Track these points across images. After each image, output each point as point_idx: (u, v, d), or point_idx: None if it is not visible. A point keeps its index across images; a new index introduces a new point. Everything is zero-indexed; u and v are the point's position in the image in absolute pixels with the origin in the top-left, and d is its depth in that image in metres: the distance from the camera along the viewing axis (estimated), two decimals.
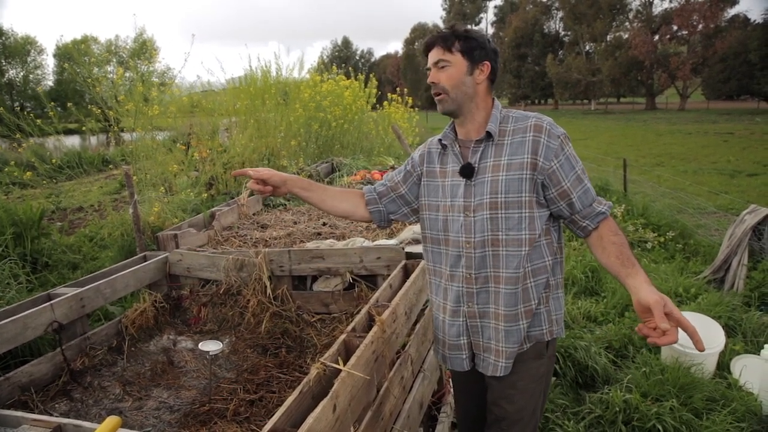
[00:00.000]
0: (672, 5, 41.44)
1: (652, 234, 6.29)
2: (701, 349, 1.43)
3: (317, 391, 1.38)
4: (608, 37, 46.37)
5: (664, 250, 6.06)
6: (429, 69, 1.75)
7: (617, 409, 2.90)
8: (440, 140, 1.82)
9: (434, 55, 1.71)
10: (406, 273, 2.47)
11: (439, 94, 1.72)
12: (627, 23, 46.27)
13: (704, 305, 4.10)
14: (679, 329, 1.43)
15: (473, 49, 1.68)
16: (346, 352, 1.60)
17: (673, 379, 3.08)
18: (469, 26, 1.75)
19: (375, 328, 1.71)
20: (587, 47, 51.13)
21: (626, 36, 44.23)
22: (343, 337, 1.66)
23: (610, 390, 3.07)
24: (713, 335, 3.38)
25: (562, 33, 57.25)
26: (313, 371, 1.41)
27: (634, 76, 43.83)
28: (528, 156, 1.63)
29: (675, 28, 41.11)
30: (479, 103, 1.73)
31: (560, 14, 54.82)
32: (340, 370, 1.43)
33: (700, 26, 38.62)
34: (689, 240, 6.27)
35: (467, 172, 1.70)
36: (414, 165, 1.89)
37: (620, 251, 1.61)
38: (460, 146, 1.77)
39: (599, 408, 2.97)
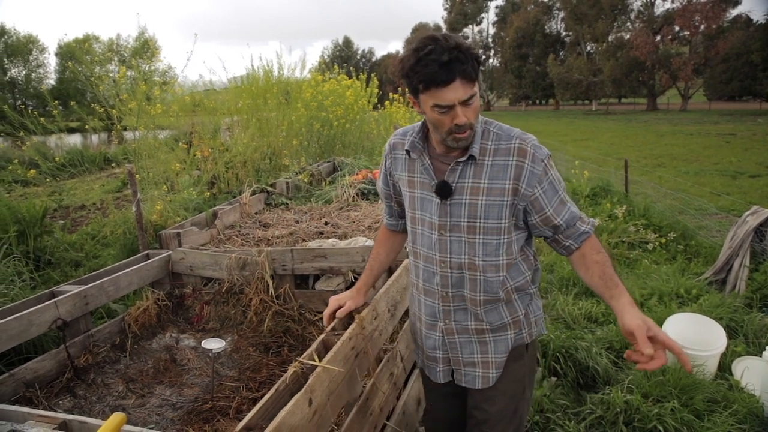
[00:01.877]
0: (674, 6, 41.48)
1: (653, 235, 6.29)
2: (689, 370, 1.43)
3: (295, 389, 1.40)
4: (610, 38, 46.36)
5: (666, 251, 6.06)
6: (447, 107, 1.45)
7: (618, 409, 2.90)
8: (407, 150, 1.66)
9: (461, 92, 1.42)
10: (389, 272, 2.47)
11: (465, 132, 1.50)
12: (628, 23, 46.28)
13: (705, 306, 4.10)
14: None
15: (477, 69, 1.47)
16: (325, 349, 1.61)
17: (674, 380, 3.08)
18: (458, 38, 1.46)
19: (353, 325, 1.73)
20: (588, 47, 51.14)
21: (628, 36, 44.22)
22: (322, 336, 1.67)
23: (611, 391, 3.07)
24: (714, 337, 3.38)
25: (564, 33, 57.27)
26: (290, 369, 1.43)
27: (636, 76, 43.81)
28: (510, 182, 1.54)
29: (677, 28, 41.11)
30: None
31: (562, 14, 54.82)
32: (316, 366, 1.45)
33: (702, 27, 38.59)
34: (690, 241, 6.27)
35: (444, 191, 1.58)
36: (387, 169, 1.80)
37: (603, 271, 1.56)
38: (431, 158, 1.63)
39: (600, 409, 2.97)
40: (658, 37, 42.17)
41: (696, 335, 3.37)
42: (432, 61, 1.39)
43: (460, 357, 1.73)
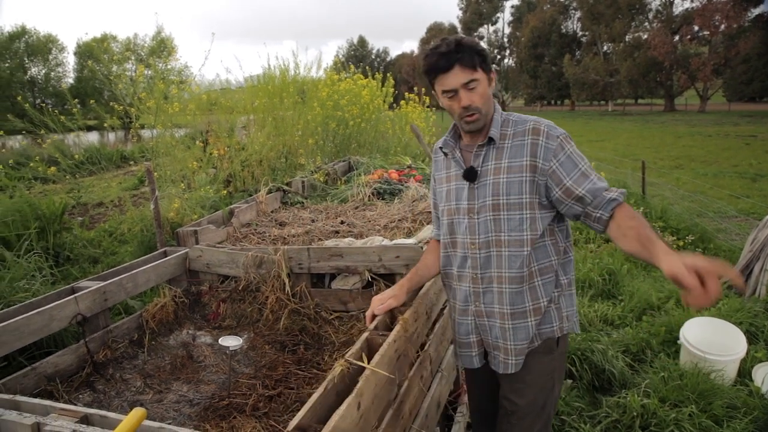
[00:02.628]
0: (693, 5, 40.87)
1: (671, 237, 6.23)
2: (740, 286, 1.30)
3: (341, 388, 1.40)
4: (627, 38, 45.90)
5: None
6: (452, 91, 1.68)
7: (635, 413, 2.88)
8: (441, 148, 1.88)
9: (461, 77, 1.65)
10: None
11: (473, 115, 1.69)
12: (646, 23, 45.76)
13: (725, 311, 4.05)
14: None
15: (486, 60, 1.69)
16: (369, 349, 1.62)
17: (692, 384, 3.06)
18: (464, 36, 1.71)
19: (398, 327, 1.72)
20: (605, 47, 50.69)
21: (645, 36, 43.72)
22: (366, 335, 1.67)
23: (627, 394, 3.05)
24: (734, 342, 3.34)
25: (580, 33, 56.78)
26: (338, 368, 1.42)
27: (653, 77, 43.33)
28: (527, 159, 1.67)
29: (696, 28, 40.52)
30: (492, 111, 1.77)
31: (578, 14, 54.40)
32: (364, 368, 1.45)
33: (723, 26, 38.00)
34: (709, 244, 6.19)
35: (470, 175, 1.75)
36: (431, 175, 2.00)
37: (638, 233, 1.52)
38: (461, 151, 1.83)
39: (616, 412, 2.95)
40: (677, 37, 41.65)
41: (715, 340, 3.33)
42: (434, 53, 1.67)
43: (490, 339, 1.81)
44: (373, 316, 1.84)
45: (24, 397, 1.70)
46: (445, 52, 1.64)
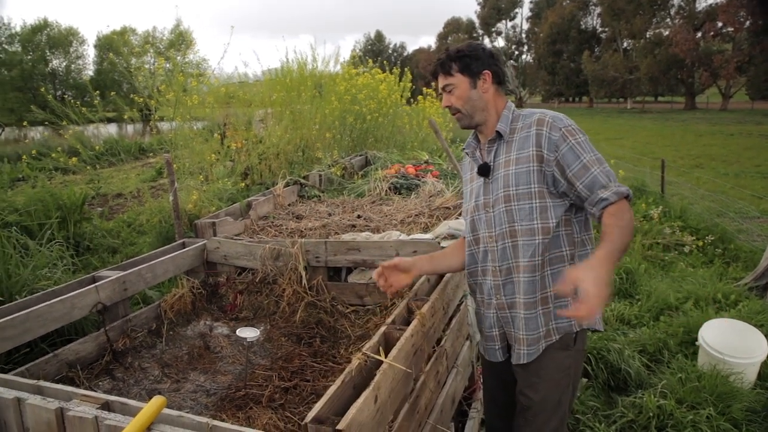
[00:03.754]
0: (717, 1, 40.03)
1: (690, 237, 6.15)
2: (580, 315, 1.35)
3: (358, 381, 1.41)
4: (648, 34, 45.17)
5: (703, 254, 5.92)
6: (441, 94, 1.92)
7: (650, 414, 2.86)
8: (464, 150, 2.00)
9: (440, 82, 1.88)
10: None
11: (455, 113, 1.88)
12: (668, 19, 44.98)
13: (745, 313, 4.00)
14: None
15: (469, 64, 1.81)
16: (386, 343, 1.62)
17: (710, 386, 3.02)
18: (461, 43, 1.89)
19: (415, 321, 1.72)
20: (625, 44, 49.97)
21: (667, 33, 42.98)
22: (383, 329, 1.67)
23: (643, 394, 3.03)
24: (755, 344, 3.29)
25: (600, 29, 56.01)
26: (355, 361, 1.43)
27: (674, 74, 42.62)
28: (533, 149, 1.73)
29: (720, 24, 39.72)
30: (490, 109, 1.84)
31: (598, 10, 53.60)
32: (381, 362, 1.45)
33: (748, 23, 37.22)
34: (729, 245, 6.10)
35: (484, 170, 1.85)
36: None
37: (606, 231, 1.56)
38: (481, 150, 1.93)
39: (632, 412, 2.93)
40: (699, 34, 40.88)
41: (734, 342, 3.28)
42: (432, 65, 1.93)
43: (513, 332, 1.84)
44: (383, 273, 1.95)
45: (47, 383, 1.73)
46: (436, 63, 1.89)
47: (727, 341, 3.28)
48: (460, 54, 1.82)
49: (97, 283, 2.67)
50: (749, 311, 4.01)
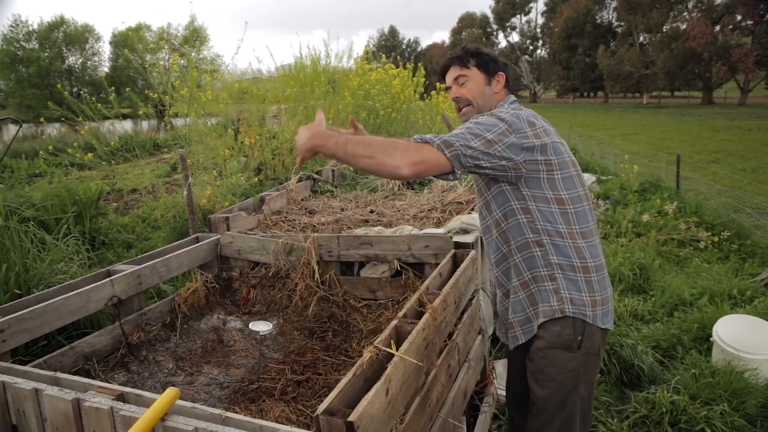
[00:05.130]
0: None
1: (705, 233, 6.07)
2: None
3: (369, 374, 1.42)
4: (664, 28, 44.53)
5: (718, 250, 5.85)
6: (448, 88, 1.94)
7: (664, 409, 2.84)
8: None
9: (452, 74, 1.90)
10: (456, 262, 2.47)
11: (465, 106, 1.88)
12: (685, 13, 44.31)
13: (761, 309, 3.95)
14: None
15: (487, 63, 1.87)
16: (398, 337, 1.63)
17: (724, 382, 2.99)
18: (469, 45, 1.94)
19: (426, 315, 1.73)
20: (641, 38, 49.35)
21: (684, 27, 42.33)
22: (394, 322, 1.68)
23: (656, 390, 3.01)
24: None
25: (615, 23, 55.35)
26: (366, 354, 1.44)
27: (691, 68, 41.97)
28: None
29: (739, 17, 39.02)
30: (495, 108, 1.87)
31: (614, 4, 52.95)
32: (393, 355, 1.46)
33: None
34: (746, 240, 6.02)
35: None
36: None
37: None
38: None
39: (644, 408, 2.91)
40: (718, 27, 40.19)
41: (750, 338, 3.25)
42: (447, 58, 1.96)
43: (502, 321, 2.00)
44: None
45: (64, 374, 1.76)
46: (452, 56, 1.91)
47: (742, 337, 3.24)
48: (480, 51, 1.88)
49: (112, 277, 2.71)
50: (765, 307, 3.96)
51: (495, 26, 68.61)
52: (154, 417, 1.41)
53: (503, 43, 69.30)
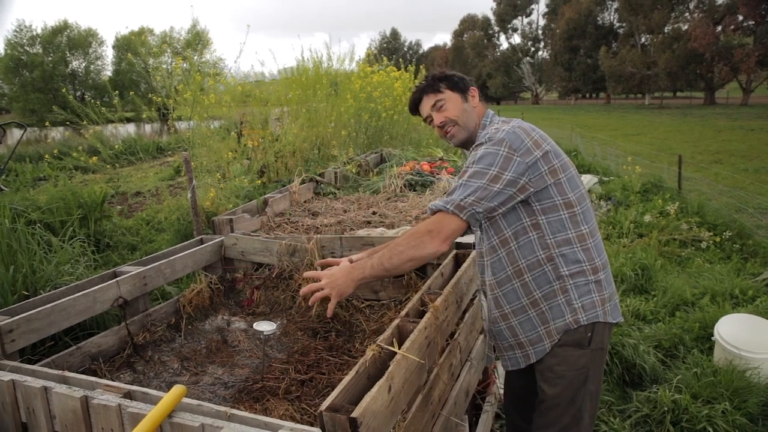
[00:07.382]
0: None
1: (707, 233, 6.08)
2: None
3: (372, 372, 1.44)
4: (666, 29, 44.45)
5: (720, 250, 5.86)
6: (427, 119, 1.93)
7: (665, 409, 2.86)
8: None
9: (428, 102, 1.90)
10: (457, 262, 2.50)
11: (451, 128, 1.88)
12: (687, 14, 44.24)
13: (762, 308, 3.96)
14: None
15: (457, 82, 1.89)
16: (400, 336, 1.65)
17: (726, 381, 3.00)
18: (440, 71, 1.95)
19: (428, 314, 1.75)
20: (643, 39, 49.28)
21: (686, 27, 42.26)
22: (396, 321, 1.71)
23: (658, 389, 3.02)
24: None
25: (617, 24, 55.25)
26: (369, 353, 1.46)
27: (693, 69, 41.89)
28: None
29: (740, 18, 38.94)
30: (479, 123, 1.90)
31: (615, 5, 52.86)
32: (395, 353, 1.49)
33: None
34: (748, 240, 6.03)
35: None
36: None
37: (386, 246, 1.75)
38: None
39: (646, 407, 2.93)
40: (719, 28, 40.12)
41: (751, 337, 3.26)
42: (413, 92, 1.99)
43: (501, 343, 1.96)
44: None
45: (72, 373, 1.79)
46: (417, 88, 1.93)
47: (743, 336, 3.26)
48: (446, 74, 1.91)
49: (118, 278, 2.74)
50: (767, 307, 3.97)
51: (496, 28, 68.59)
52: (161, 414, 1.44)
53: (505, 45, 69.34)
